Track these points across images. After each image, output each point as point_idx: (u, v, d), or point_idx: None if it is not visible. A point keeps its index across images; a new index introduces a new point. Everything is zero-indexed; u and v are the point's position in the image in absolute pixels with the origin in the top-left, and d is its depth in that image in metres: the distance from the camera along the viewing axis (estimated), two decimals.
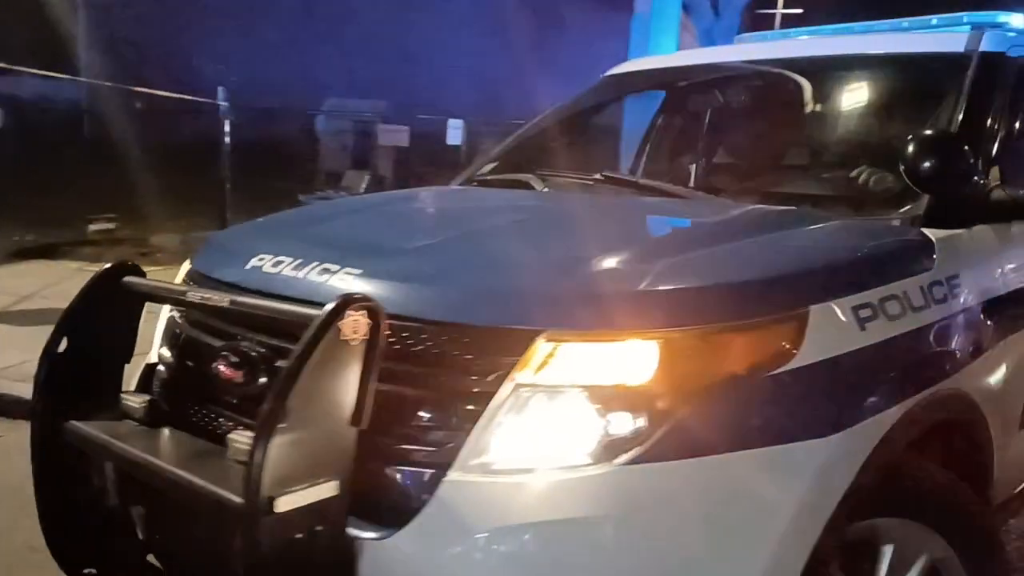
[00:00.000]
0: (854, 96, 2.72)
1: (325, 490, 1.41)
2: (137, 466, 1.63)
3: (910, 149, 1.98)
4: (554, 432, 1.45)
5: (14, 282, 6.71)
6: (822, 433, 1.53)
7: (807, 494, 1.50)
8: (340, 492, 1.42)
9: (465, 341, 1.50)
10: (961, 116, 2.23)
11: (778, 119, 2.76)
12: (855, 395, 1.61)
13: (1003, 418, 2.10)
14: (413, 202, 2.56)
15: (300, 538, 1.40)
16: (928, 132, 2.07)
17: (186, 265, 2.24)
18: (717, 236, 1.86)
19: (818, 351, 1.56)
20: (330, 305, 1.39)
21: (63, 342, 1.84)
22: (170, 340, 2.03)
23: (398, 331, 1.50)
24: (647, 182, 2.51)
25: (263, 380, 1.64)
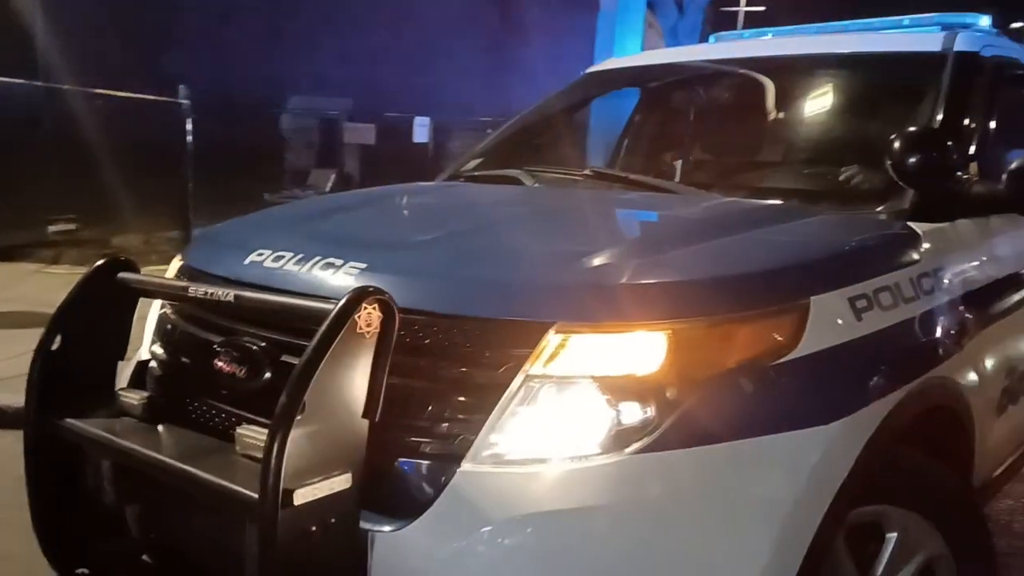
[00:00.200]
0: (835, 94, 2.77)
1: (339, 483, 1.41)
2: (142, 463, 1.61)
3: (896, 145, 2.04)
4: (565, 423, 1.47)
5: None
6: (823, 421, 1.56)
7: (809, 480, 1.53)
8: (353, 485, 1.42)
9: (476, 334, 1.51)
10: (941, 114, 2.30)
11: (762, 117, 2.80)
12: (853, 384, 1.65)
13: (984, 404, 2.17)
14: (407, 197, 2.55)
15: (314, 531, 1.39)
16: (914, 129, 2.13)
17: (176, 261, 2.21)
18: (716, 229, 1.89)
19: (818, 341, 1.59)
20: (345, 298, 1.39)
21: (57, 339, 1.81)
22: (164, 336, 2.01)
23: (408, 324, 1.50)
24: (637, 177, 2.54)
25: (267, 375, 1.63)
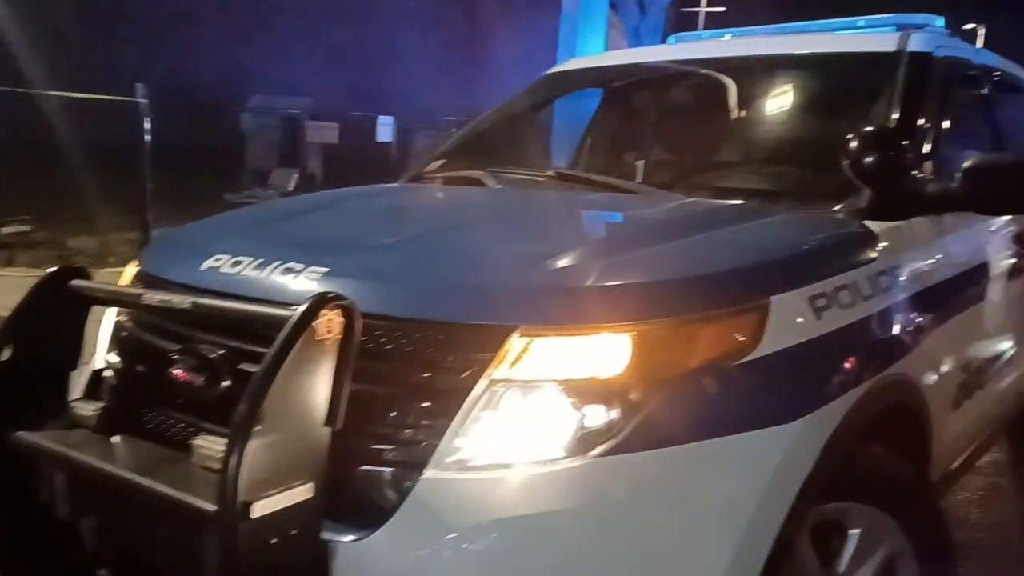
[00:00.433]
0: (793, 94, 2.80)
1: (299, 493, 1.38)
2: (97, 476, 1.56)
3: (853, 145, 2.06)
4: (529, 427, 1.46)
5: None
6: (784, 420, 1.57)
7: (772, 478, 1.54)
8: (315, 495, 1.40)
9: (439, 338, 1.49)
10: (896, 113, 2.34)
11: (721, 117, 2.82)
12: (814, 382, 1.67)
13: (941, 400, 2.21)
14: (369, 199, 2.53)
15: (274, 543, 1.36)
16: (870, 129, 2.16)
17: (132, 267, 2.16)
18: (678, 230, 1.89)
19: (779, 340, 1.60)
20: (305, 304, 1.36)
21: (7, 350, 1.75)
22: (119, 345, 1.96)
23: (370, 329, 1.48)
24: (600, 178, 2.54)
25: (225, 383, 1.60)
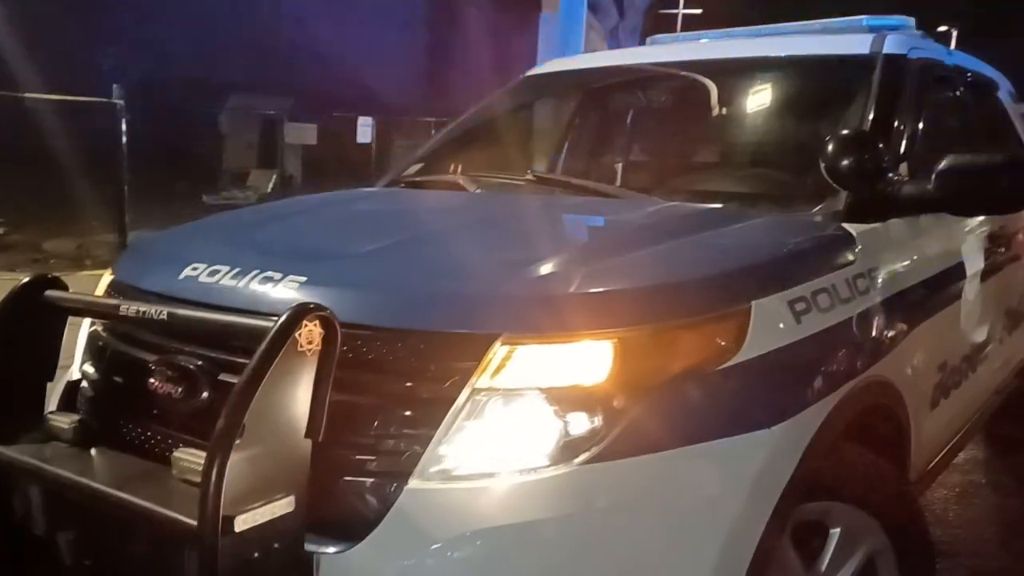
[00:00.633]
0: (770, 96, 2.82)
1: (281, 506, 1.37)
2: (73, 490, 1.54)
3: (830, 148, 2.08)
4: (513, 435, 1.45)
5: None
6: (767, 424, 1.58)
7: (755, 482, 1.55)
8: (297, 507, 1.38)
9: (421, 347, 1.49)
10: (872, 115, 2.36)
11: (699, 119, 2.84)
12: (795, 386, 1.68)
13: (919, 400, 2.23)
14: (347, 205, 2.51)
15: (256, 557, 1.35)
16: (846, 132, 2.17)
17: (107, 276, 2.13)
18: (659, 234, 1.90)
19: (760, 345, 1.61)
20: (285, 315, 1.35)
21: None
22: (95, 356, 1.93)
23: (351, 339, 1.47)
24: (579, 182, 2.54)
25: (204, 395, 1.58)
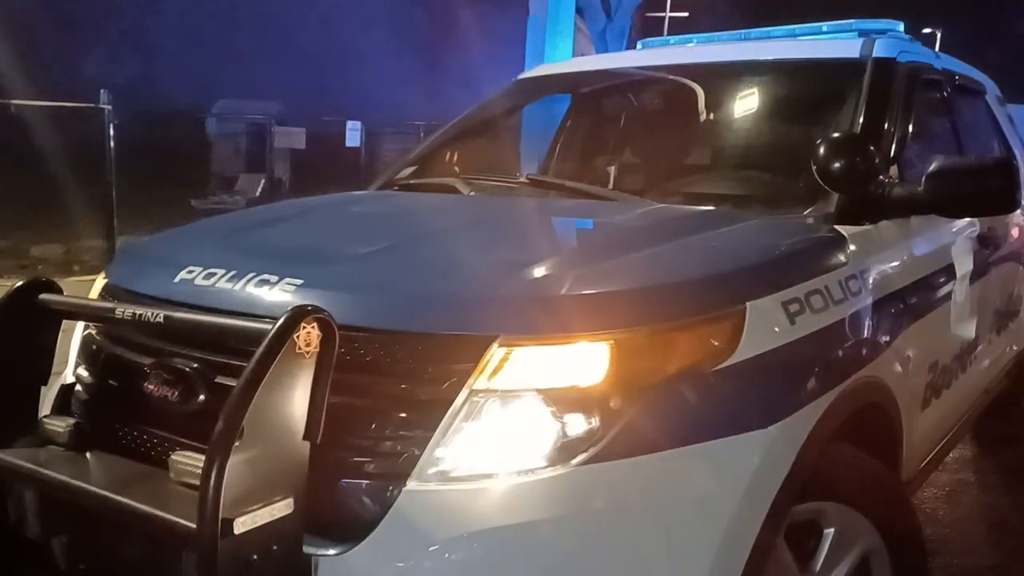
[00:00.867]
0: (761, 99, 2.84)
1: (280, 508, 1.37)
2: (70, 494, 1.54)
3: (822, 150, 2.09)
4: (511, 436, 1.46)
5: None
6: (761, 424, 1.59)
7: (751, 482, 1.56)
8: (296, 509, 1.38)
9: (418, 349, 1.49)
10: (862, 118, 2.38)
11: (692, 122, 2.85)
12: (789, 386, 1.69)
13: (910, 399, 2.25)
14: (341, 208, 2.51)
15: (255, 560, 1.35)
16: (838, 134, 2.20)
17: (100, 279, 2.13)
18: (654, 236, 1.91)
19: (755, 346, 1.62)
20: (284, 317, 1.35)
21: None
22: (90, 359, 1.93)
23: (348, 341, 1.47)
24: (573, 184, 2.55)
25: (201, 398, 1.58)
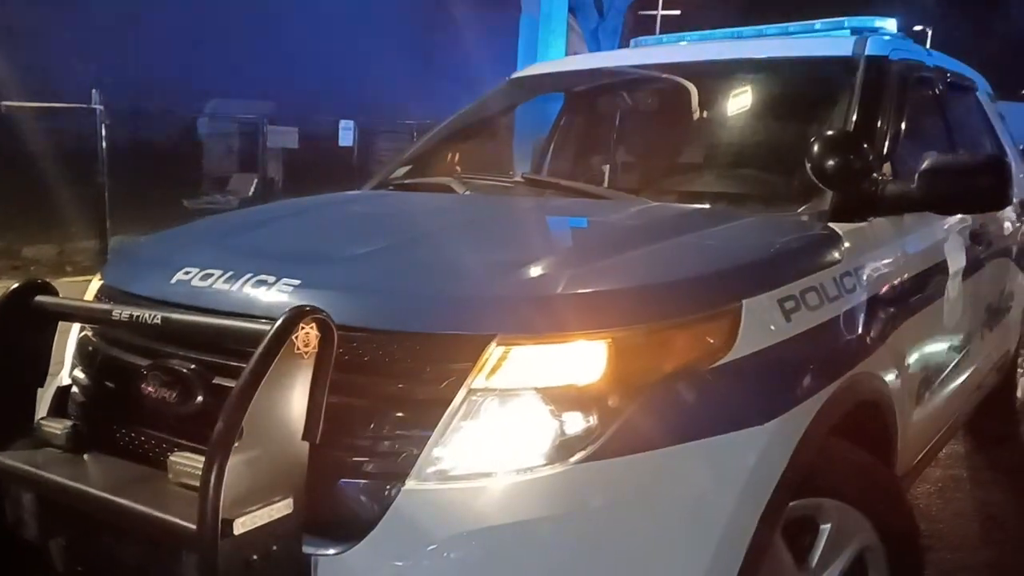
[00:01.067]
0: (754, 97, 2.85)
1: (280, 509, 1.37)
2: (68, 496, 1.53)
3: (815, 148, 2.11)
4: (509, 435, 1.47)
5: None
6: (758, 421, 1.60)
7: (748, 479, 1.57)
8: (295, 509, 1.39)
9: (416, 349, 1.49)
10: (855, 116, 2.39)
11: (686, 121, 2.86)
12: (786, 383, 1.70)
13: (905, 395, 2.26)
14: (338, 208, 2.51)
15: (255, 560, 1.35)
16: (831, 132, 2.21)
17: (96, 280, 2.12)
18: (650, 235, 1.91)
19: (751, 343, 1.63)
20: (282, 318, 1.35)
21: None
22: (87, 361, 1.92)
23: (347, 341, 1.47)
24: (568, 183, 2.56)
25: (199, 399, 1.58)
